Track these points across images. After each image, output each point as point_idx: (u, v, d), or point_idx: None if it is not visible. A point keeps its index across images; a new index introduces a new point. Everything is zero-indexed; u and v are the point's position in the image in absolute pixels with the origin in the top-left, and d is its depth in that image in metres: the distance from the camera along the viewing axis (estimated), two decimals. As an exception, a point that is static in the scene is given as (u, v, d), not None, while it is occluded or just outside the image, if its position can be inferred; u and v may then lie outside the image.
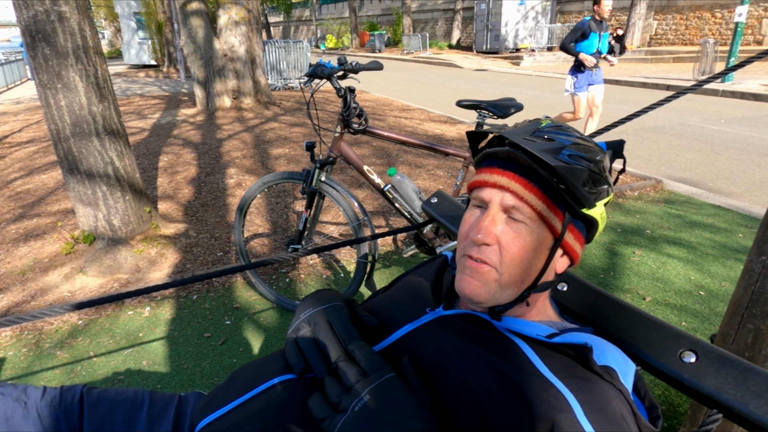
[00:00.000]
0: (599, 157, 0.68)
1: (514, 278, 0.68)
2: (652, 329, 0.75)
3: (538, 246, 0.67)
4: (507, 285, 0.68)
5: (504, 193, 0.67)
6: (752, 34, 14.42)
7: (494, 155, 0.71)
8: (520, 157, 0.66)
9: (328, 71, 2.12)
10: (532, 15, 19.79)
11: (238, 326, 2.29)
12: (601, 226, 0.71)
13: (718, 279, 2.57)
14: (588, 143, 0.69)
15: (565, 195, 0.65)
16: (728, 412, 0.63)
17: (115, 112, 2.72)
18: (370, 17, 32.81)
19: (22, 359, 2.10)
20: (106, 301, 1.00)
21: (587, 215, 0.68)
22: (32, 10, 2.35)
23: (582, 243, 0.72)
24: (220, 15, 7.10)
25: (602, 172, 0.68)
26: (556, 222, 0.67)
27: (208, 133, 6.18)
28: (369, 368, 0.64)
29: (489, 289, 0.68)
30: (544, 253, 0.69)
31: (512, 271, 0.67)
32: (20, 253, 3.05)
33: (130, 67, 18.53)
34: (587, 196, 0.66)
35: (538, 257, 0.68)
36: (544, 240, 0.68)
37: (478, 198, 0.71)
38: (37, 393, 0.86)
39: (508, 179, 0.67)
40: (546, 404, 0.57)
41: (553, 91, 10.59)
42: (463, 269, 0.70)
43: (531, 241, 0.67)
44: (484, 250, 0.68)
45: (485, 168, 0.72)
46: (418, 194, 2.29)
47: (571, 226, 0.69)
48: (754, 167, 4.74)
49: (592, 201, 0.67)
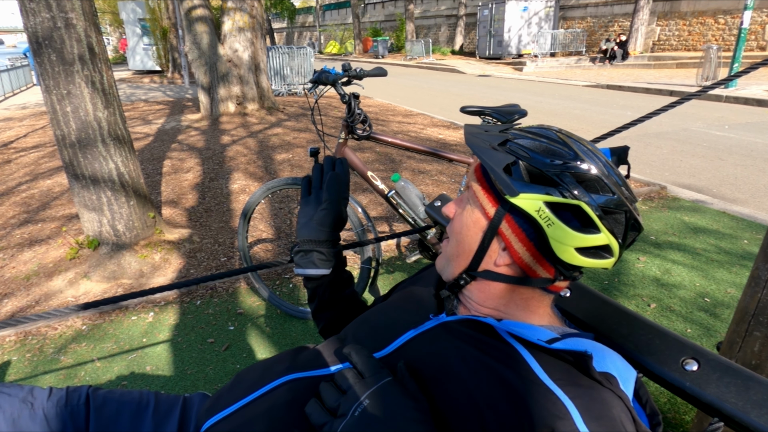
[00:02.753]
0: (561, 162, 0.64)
1: (453, 250, 0.75)
2: (655, 337, 0.75)
3: (471, 224, 0.72)
4: (449, 257, 0.75)
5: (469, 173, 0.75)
6: (755, 39, 14.42)
7: None
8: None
9: (333, 77, 2.12)
10: (535, 21, 19.84)
11: (241, 332, 2.29)
12: (551, 231, 0.64)
13: (723, 285, 2.56)
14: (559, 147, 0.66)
15: (493, 178, 0.67)
16: (730, 421, 0.63)
17: (120, 117, 2.73)
18: (373, 23, 32.96)
19: (26, 364, 2.10)
20: (113, 301, 1.00)
21: (516, 206, 0.65)
22: (39, 17, 2.37)
23: (524, 242, 0.67)
24: (224, 21, 7.14)
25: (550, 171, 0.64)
26: (489, 207, 0.69)
27: (212, 138, 6.20)
28: (366, 372, 0.64)
29: (441, 260, 0.78)
30: (478, 235, 0.71)
31: (451, 243, 0.75)
32: (25, 258, 3.06)
33: (135, 73, 18.65)
34: (505, 181, 0.64)
35: (471, 236, 0.72)
36: (476, 220, 0.71)
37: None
38: (43, 394, 0.87)
39: (473, 161, 0.76)
40: (545, 411, 0.57)
41: (556, 96, 10.60)
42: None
43: (465, 216, 0.73)
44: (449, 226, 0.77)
45: None
46: (421, 200, 2.29)
47: (509, 217, 0.67)
48: (758, 173, 4.72)
49: (514, 189, 0.64)
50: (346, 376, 0.64)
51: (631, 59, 16.19)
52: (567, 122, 7.60)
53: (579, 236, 0.63)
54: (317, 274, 0.97)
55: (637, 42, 16.46)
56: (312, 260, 0.96)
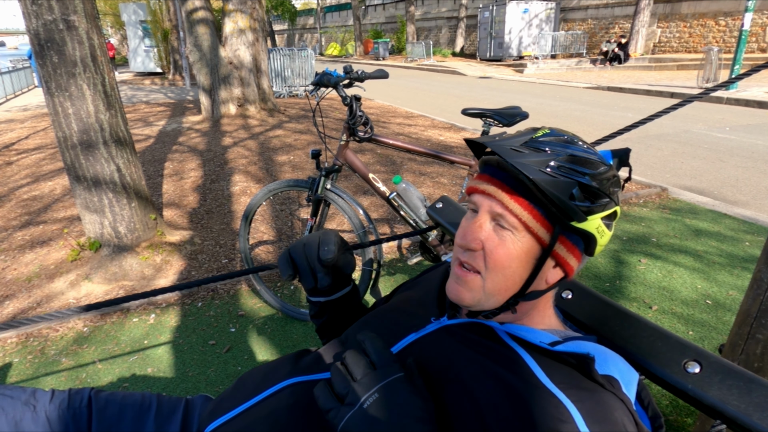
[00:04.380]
0: (598, 170, 0.67)
1: (498, 285, 0.69)
2: (657, 339, 0.74)
3: (522, 255, 0.67)
4: (491, 292, 0.69)
5: (492, 201, 0.68)
6: (756, 41, 14.42)
7: (488, 162, 0.73)
8: (508, 167, 0.67)
9: (334, 80, 2.13)
10: (536, 22, 19.86)
11: (243, 334, 2.29)
12: (602, 240, 0.69)
13: (725, 288, 2.56)
14: (588, 155, 0.68)
15: (551, 207, 0.65)
16: (732, 423, 0.63)
17: (121, 119, 2.74)
18: (374, 25, 33.01)
19: (28, 366, 2.10)
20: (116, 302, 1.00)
21: (579, 228, 0.67)
22: (41, 19, 2.38)
23: (578, 256, 0.70)
24: (225, 23, 7.15)
25: (601, 185, 0.67)
26: (542, 233, 0.67)
27: (213, 140, 6.21)
28: (378, 362, 0.63)
29: (474, 295, 0.70)
30: (530, 263, 0.68)
31: (495, 278, 0.68)
32: (26, 260, 3.06)
33: (136, 75, 18.68)
34: (575, 209, 0.64)
35: (523, 266, 0.68)
36: (529, 249, 0.67)
37: (472, 202, 0.72)
38: (45, 396, 0.87)
39: (496, 188, 0.68)
40: (548, 415, 0.57)
41: (557, 98, 10.60)
42: (452, 275, 0.73)
43: (515, 249, 0.67)
44: (471, 255, 0.69)
45: (480, 174, 0.73)
46: (423, 202, 2.29)
47: (563, 238, 0.68)
48: (759, 175, 4.72)
49: (582, 215, 0.65)
50: (358, 363, 0.63)
51: (631, 61, 16.20)
52: (568, 124, 7.60)
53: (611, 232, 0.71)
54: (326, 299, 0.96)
55: (637, 44, 16.47)
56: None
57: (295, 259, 0.86)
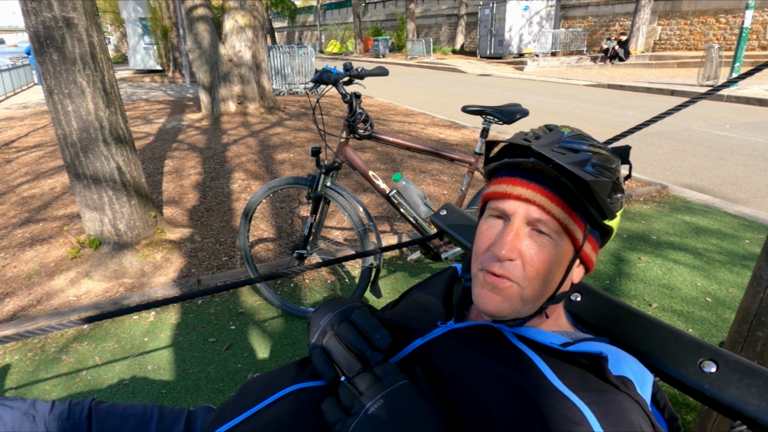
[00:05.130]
0: (616, 166, 0.68)
1: (536, 292, 0.67)
2: (670, 339, 0.73)
3: (560, 259, 0.67)
4: (529, 299, 0.67)
5: (529, 206, 0.66)
6: (757, 39, 14.40)
7: (516, 165, 0.69)
8: (546, 169, 0.65)
9: (334, 77, 2.12)
10: (537, 20, 19.81)
11: (243, 331, 2.29)
12: (614, 233, 0.72)
13: (725, 285, 2.56)
14: (606, 152, 0.68)
15: (590, 207, 0.65)
16: (752, 423, 0.61)
17: (121, 117, 2.73)
18: (374, 22, 32.93)
19: (28, 363, 2.10)
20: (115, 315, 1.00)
21: (606, 225, 0.69)
22: (41, 16, 2.37)
23: (597, 251, 0.72)
24: (225, 20, 7.14)
25: (620, 181, 0.69)
26: (578, 233, 0.67)
27: (213, 138, 6.20)
28: (383, 375, 0.64)
29: (511, 304, 0.67)
30: (565, 265, 0.68)
31: (535, 286, 0.66)
32: (26, 258, 3.06)
33: (136, 72, 18.65)
34: (611, 207, 0.66)
35: (559, 270, 0.67)
36: (566, 252, 0.67)
37: (499, 210, 0.68)
38: (45, 407, 0.86)
39: (534, 192, 0.65)
40: (562, 419, 0.55)
41: (557, 96, 10.59)
42: (484, 284, 0.68)
43: (554, 254, 0.66)
44: (507, 266, 0.66)
45: (506, 179, 0.69)
46: (423, 200, 2.29)
47: (590, 235, 0.69)
48: (760, 173, 4.71)
49: (614, 212, 0.67)
50: (363, 378, 0.64)
51: (632, 59, 16.17)
52: (569, 121, 7.59)
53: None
54: None
55: (638, 41, 16.43)
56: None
57: (337, 360, 0.70)
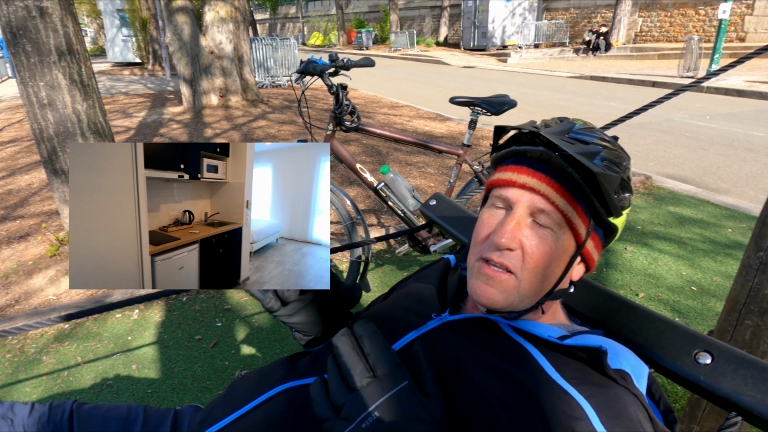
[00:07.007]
0: (626, 164, 0.67)
1: (533, 286, 0.65)
2: (665, 330, 0.72)
3: (560, 253, 0.65)
4: (526, 293, 0.65)
5: (533, 196, 0.64)
6: (735, 30, 14.62)
7: (523, 154, 0.67)
8: (554, 159, 0.63)
9: (320, 68, 2.08)
10: (519, 12, 19.85)
11: (229, 328, 2.25)
12: (619, 233, 0.70)
13: (709, 274, 2.59)
14: (617, 149, 0.67)
15: (596, 202, 0.63)
16: (748, 415, 0.61)
17: (99, 110, 2.66)
18: (357, 14, 32.69)
19: (7, 365, 2.04)
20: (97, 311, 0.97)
21: (611, 223, 0.67)
22: (12, 5, 2.28)
23: (600, 250, 0.70)
24: (206, 12, 7.00)
25: (629, 179, 0.67)
26: (581, 229, 0.65)
27: (195, 131, 6.10)
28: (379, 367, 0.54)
29: (507, 297, 0.65)
30: (565, 261, 0.66)
31: (532, 279, 0.64)
32: (3, 256, 2.97)
33: (114, 65, 18.24)
34: (617, 204, 0.64)
35: (559, 264, 0.65)
36: (567, 247, 0.65)
37: (502, 198, 0.66)
38: (24, 410, 0.83)
39: (539, 181, 0.63)
40: (561, 413, 0.54)
41: (540, 87, 10.63)
42: (479, 275, 0.66)
43: (555, 247, 0.64)
44: (506, 255, 0.64)
45: (512, 166, 0.67)
46: (411, 192, 2.27)
47: (593, 233, 0.67)
48: (739, 162, 4.79)
49: (620, 210, 0.66)
50: (355, 366, 0.54)
51: (613, 50, 16.31)
52: (552, 113, 7.62)
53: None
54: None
55: (619, 33, 16.58)
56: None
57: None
